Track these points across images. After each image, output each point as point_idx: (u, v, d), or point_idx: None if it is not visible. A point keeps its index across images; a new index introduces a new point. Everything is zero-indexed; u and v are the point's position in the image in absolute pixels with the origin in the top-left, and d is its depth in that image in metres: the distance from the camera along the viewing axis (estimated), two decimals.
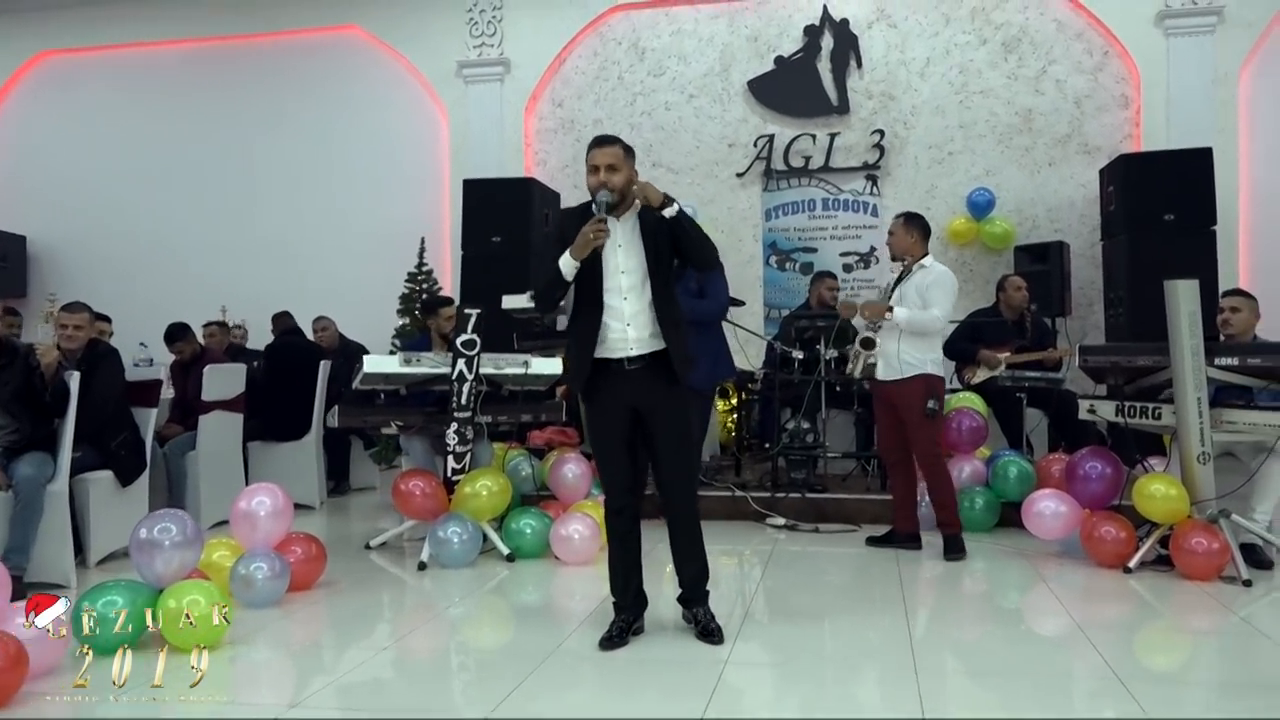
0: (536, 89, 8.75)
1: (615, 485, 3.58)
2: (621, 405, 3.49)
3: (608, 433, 3.54)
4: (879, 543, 5.07)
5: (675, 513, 3.58)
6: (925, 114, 8.21)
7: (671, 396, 3.50)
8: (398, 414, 5.05)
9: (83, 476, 4.84)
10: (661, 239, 3.44)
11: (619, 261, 3.45)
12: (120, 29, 9.45)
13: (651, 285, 3.45)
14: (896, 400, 4.87)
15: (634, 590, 3.62)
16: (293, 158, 9.22)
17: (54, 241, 9.64)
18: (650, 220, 3.45)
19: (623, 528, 3.60)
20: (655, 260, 3.45)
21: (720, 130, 8.53)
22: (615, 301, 3.45)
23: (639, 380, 3.46)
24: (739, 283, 8.38)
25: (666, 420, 3.49)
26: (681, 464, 3.54)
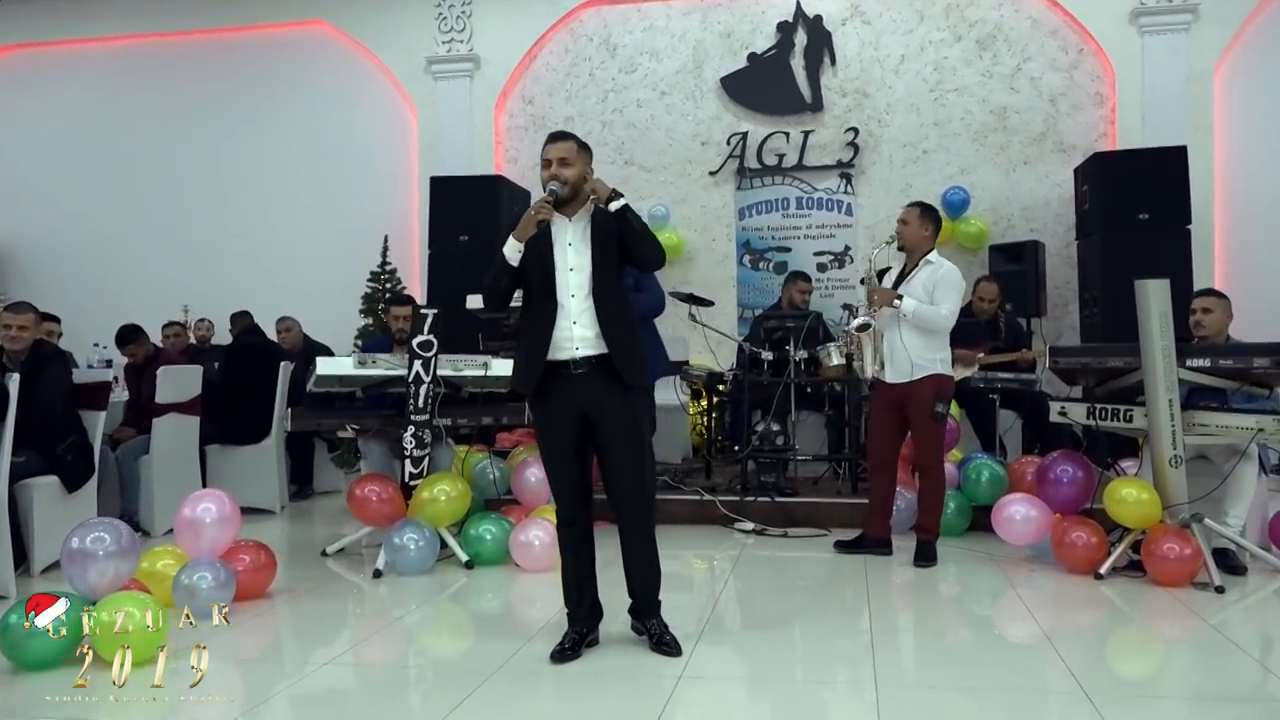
0: (507, 85, 8.62)
1: (565, 495, 3.48)
2: (570, 410, 3.39)
3: (556, 439, 3.44)
4: (849, 548, 4.96)
5: (626, 521, 3.48)
6: (900, 111, 8.12)
7: (621, 400, 3.40)
8: (354, 417, 4.91)
9: (26, 482, 4.67)
10: (612, 239, 3.38)
11: (569, 259, 3.38)
12: (85, 23, 9.27)
13: (598, 284, 3.36)
14: (906, 402, 4.72)
15: (588, 602, 3.53)
16: (259, 155, 9.06)
17: (17, 240, 9.43)
18: (602, 220, 3.39)
19: (575, 538, 3.51)
20: (603, 258, 3.37)
21: (693, 128, 8.41)
22: (564, 299, 3.37)
23: (587, 383, 3.37)
24: (712, 282, 8.33)
25: (616, 425, 3.39)
26: (633, 471, 3.43)
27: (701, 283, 8.35)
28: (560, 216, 3.39)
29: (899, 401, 4.76)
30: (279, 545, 5.54)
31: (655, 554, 3.54)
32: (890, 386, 4.77)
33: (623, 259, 3.42)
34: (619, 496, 3.46)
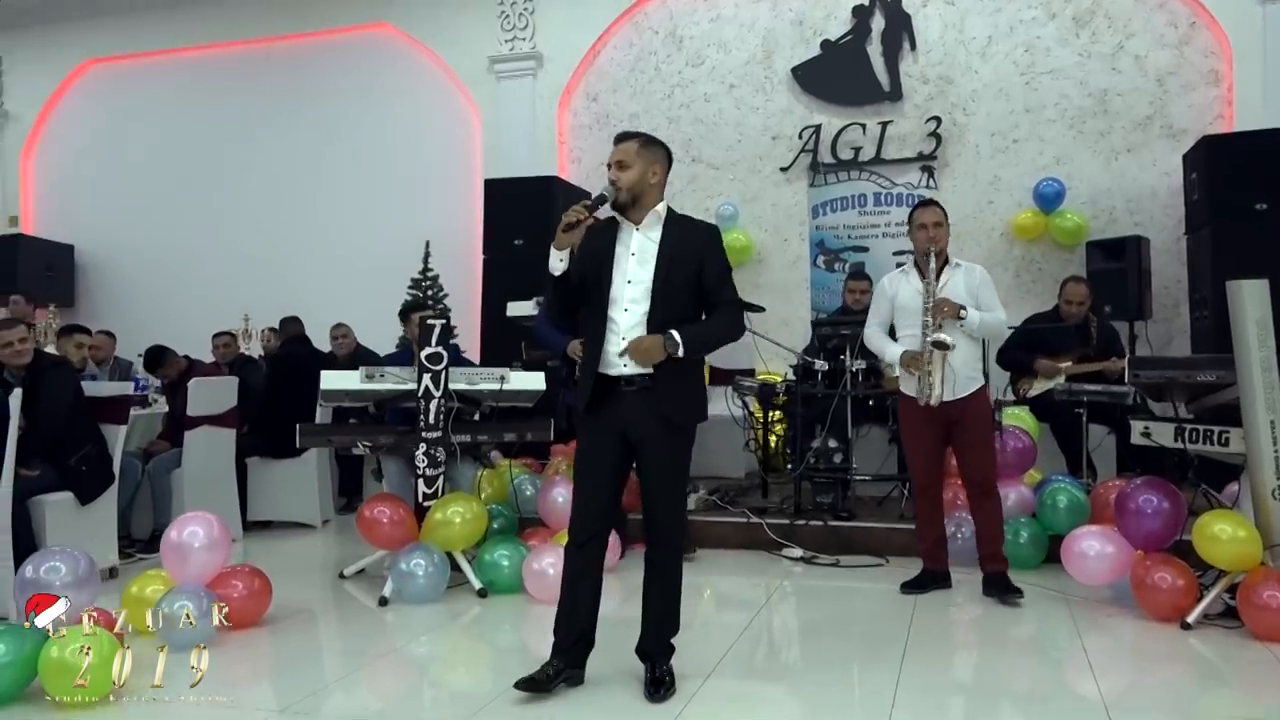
0: (570, 83, 8.32)
1: (585, 512, 3.17)
2: (612, 428, 3.11)
3: (593, 454, 3.16)
4: (915, 588, 4.38)
5: (654, 553, 3.20)
6: (987, 98, 7.48)
7: (664, 434, 3.08)
8: (366, 433, 4.66)
9: (39, 498, 4.57)
10: (691, 259, 3.07)
11: (628, 269, 3.08)
12: (161, 35, 9.38)
13: (655, 301, 3.04)
14: (960, 419, 4.23)
15: (576, 635, 3.19)
16: (327, 160, 8.99)
17: (100, 250, 9.63)
18: (676, 232, 3.09)
19: (582, 562, 3.18)
20: (666, 275, 3.05)
21: (763, 122, 7.94)
22: (616, 313, 3.08)
23: (634, 405, 3.07)
24: (784, 285, 7.87)
25: (654, 460, 3.10)
26: (668, 504, 3.14)
27: (772, 286, 7.90)
28: (627, 223, 3.12)
29: (946, 419, 4.24)
30: (304, 563, 5.40)
31: (676, 596, 3.23)
32: (943, 407, 4.22)
33: (702, 288, 3.10)
34: (649, 529, 3.20)
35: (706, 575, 4.88)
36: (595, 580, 3.19)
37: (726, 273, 3.18)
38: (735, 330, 3.20)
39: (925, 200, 4.52)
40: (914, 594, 4.33)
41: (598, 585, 3.20)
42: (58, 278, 9.37)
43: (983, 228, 7.45)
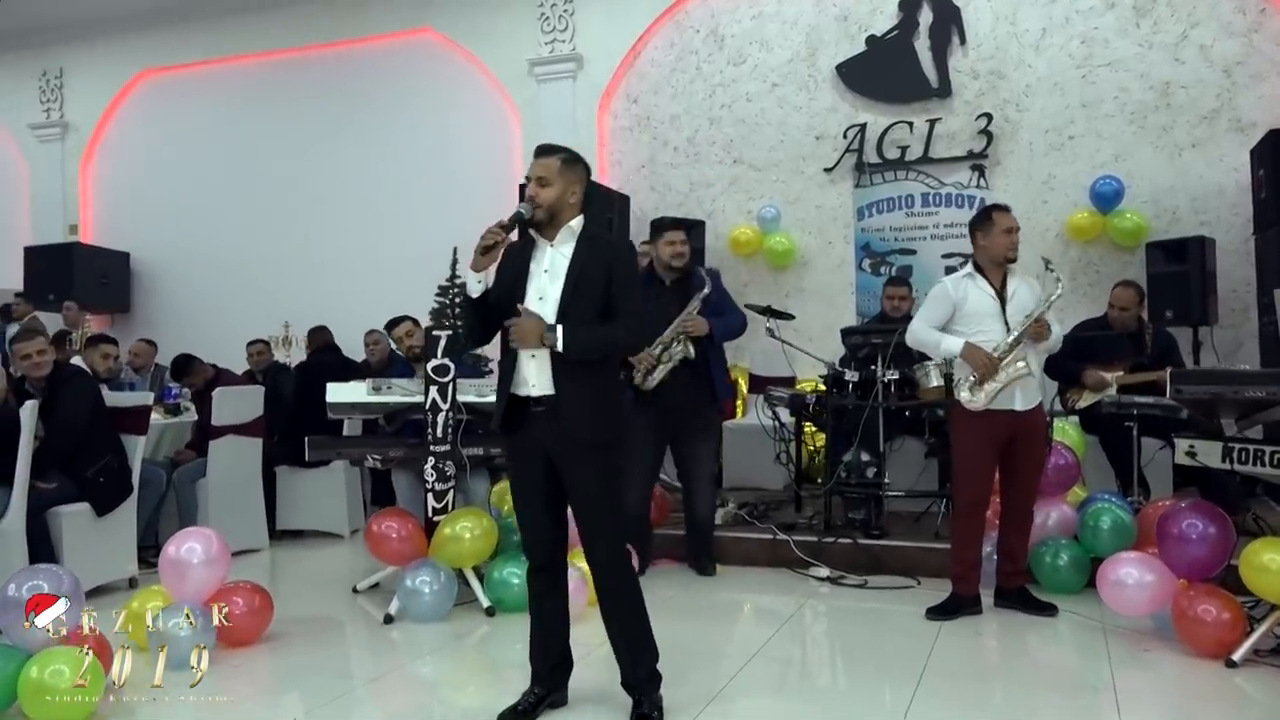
0: (610, 85, 8.17)
1: (529, 540, 3.13)
2: (534, 450, 3.01)
3: (521, 480, 3.09)
4: (943, 614, 4.14)
5: (601, 581, 3.07)
6: (1041, 93, 7.13)
7: (583, 453, 2.96)
8: (375, 446, 4.57)
9: (55, 510, 4.60)
10: (595, 271, 2.97)
11: (541, 286, 3.00)
12: (211, 44, 9.47)
13: (562, 318, 2.94)
14: (1023, 434, 4.05)
15: (554, 658, 3.14)
16: (371, 166, 8.97)
17: (154, 257, 9.77)
18: (587, 249, 2.99)
19: (541, 587, 3.12)
20: (573, 290, 2.96)
21: (806, 121, 7.70)
22: None
23: (545, 426, 2.96)
24: (829, 289, 7.65)
25: (576, 476, 2.98)
26: (600, 526, 3.01)
27: (817, 290, 7.66)
28: (541, 240, 3.03)
29: (1008, 432, 4.03)
30: (322, 575, 5.35)
31: (642, 622, 3.07)
32: (1005, 415, 4.01)
33: (609, 300, 3.00)
34: (588, 558, 3.09)
35: (726, 594, 4.72)
36: (560, 601, 3.13)
37: (632, 286, 3.07)
38: (629, 338, 3.11)
39: (1002, 205, 4.31)
40: (941, 620, 4.09)
41: (564, 606, 3.14)
42: (113, 285, 9.53)
43: (1036, 229, 7.08)
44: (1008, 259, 4.10)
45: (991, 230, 4.07)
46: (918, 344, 4.24)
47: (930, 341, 4.16)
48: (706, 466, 5.01)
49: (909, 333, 4.21)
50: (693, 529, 5.07)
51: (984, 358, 3.95)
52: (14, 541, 4.27)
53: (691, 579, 4.94)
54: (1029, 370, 4.02)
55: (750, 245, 7.69)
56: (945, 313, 4.09)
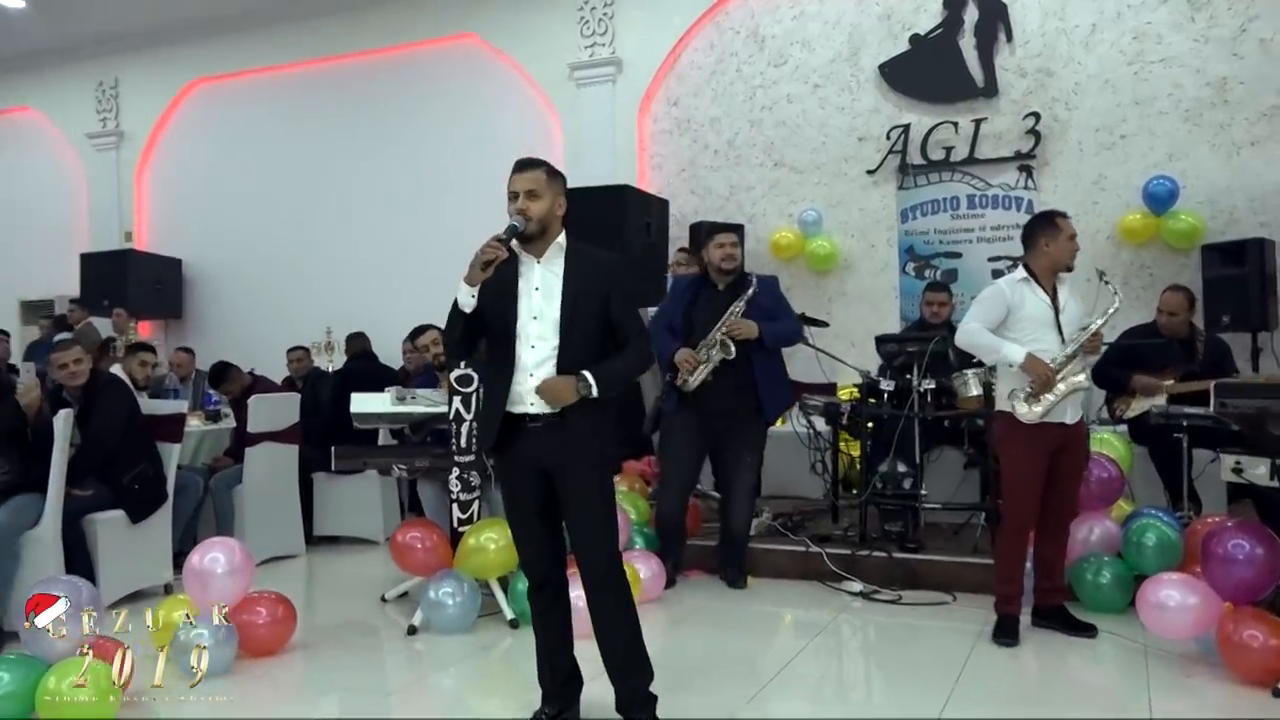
0: (650, 88, 8.11)
1: (530, 558, 3.09)
2: (529, 467, 2.96)
3: (517, 498, 3.03)
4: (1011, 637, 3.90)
5: (594, 598, 3.01)
6: (1091, 91, 6.90)
7: (582, 462, 2.92)
8: (401, 456, 4.57)
9: (91, 517, 4.66)
10: (591, 289, 2.92)
11: (533, 304, 2.94)
12: (260, 53, 9.60)
13: (563, 338, 2.90)
14: (1069, 446, 3.92)
15: (562, 676, 3.09)
16: (415, 171, 9.02)
17: (206, 263, 9.93)
18: (578, 264, 2.96)
19: (542, 605, 3.08)
20: (573, 308, 2.91)
21: (849, 122, 7.56)
22: (522, 349, 2.93)
23: (545, 439, 2.91)
24: (872, 294, 7.49)
25: (572, 488, 2.93)
26: (595, 540, 2.96)
27: (859, 294, 7.52)
28: (527, 256, 2.97)
29: (1057, 445, 3.89)
30: (353, 582, 5.35)
31: (635, 641, 3.02)
32: (1056, 429, 3.87)
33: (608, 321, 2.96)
34: (582, 573, 3.01)
35: (756, 607, 4.63)
36: (563, 617, 3.09)
37: (633, 303, 3.04)
38: (645, 362, 3.07)
39: (1061, 211, 4.16)
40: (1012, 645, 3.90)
41: (566, 621, 3.10)
42: (166, 291, 9.70)
43: (1086, 231, 6.85)
44: (1069, 267, 3.97)
45: (1058, 236, 3.93)
46: (972, 346, 4.00)
47: (987, 345, 3.91)
48: (747, 478, 4.90)
49: (962, 332, 3.98)
50: (726, 540, 4.99)
51: (1045, 369, 3.79)
52: (48, 549, 4.33)
53: (722, 591, 4.86)
54: (1089, 384, 3.90)
55: (791, 249, 7.57)
56: (999, 316, 3.91)
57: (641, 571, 4.44)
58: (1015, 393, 3.85)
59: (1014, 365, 3.80)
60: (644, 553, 4.71)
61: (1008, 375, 3.89)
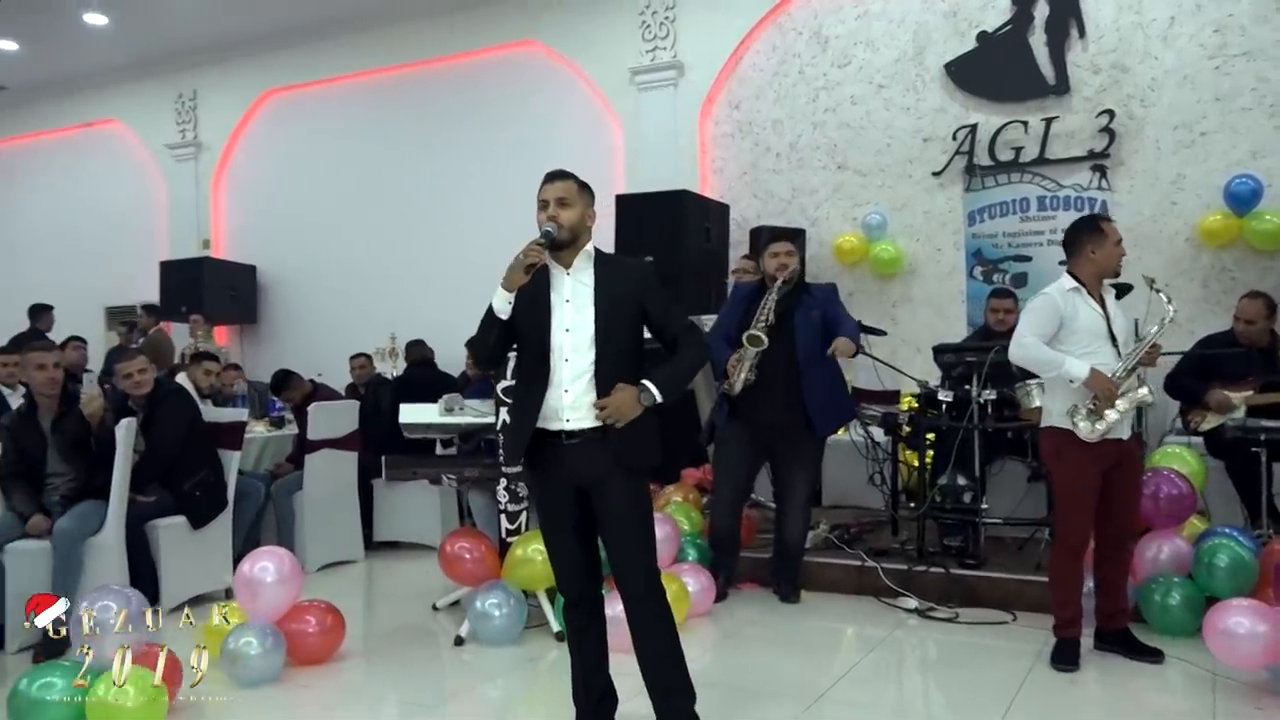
0: (711, 91, 8.04)
1: (565, 575, 3.06)
2: (564, 483, 2.93)
3: (552, 514, 3.01)
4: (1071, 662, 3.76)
5: (634, 615, 2.97)
6: (1169, 87, 6.63)
7: (620, 479, 2.88)
8: (451, 466, 4.59)
9: (154, 523, 4.79)
10: (623, 299, 2.90)
11: (565, 317, 2.91)
12: (329, 63, 9.75)
13: (600, 351, 2.86)
14: (1124, 461, 3.76)
15: (597, 694, 3.07)
16: (481, 178, 9.07)
17: (279, 269, 10.15)
18: (608, 274, 2.94)
19: (578, 623, 3.06)
20: (607, 320, 2.88)
21: (914, 123, 7.39)
22: (556, 363, 2.89)
23: (581, 455, 2.87)
24: (938, 299, 7.32)
25: (610, 502, 2.89)
26: (634, 555, 2.92)
27: (925, 299, 7.35)
28: (557, 267, 2.96)
29: (1111, 462, 3.73)
30: (407, 589, 5.40)
31: (676, 660, 2.97)
32: (1113, 445, 3.71)
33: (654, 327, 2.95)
34: (621, 589, 2.99)
35: (808, 623, 4.54)
36: (599, 635, 3.06)
37: (671, 302, 2.99)
38: (702, 356, 3.03)
39: (1104, 215, 4.01)
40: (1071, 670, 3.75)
41: (602, 639, 3.07)
42: (241, 297, 9.94)
43: (1164, 233, 6.62)
44: (1116, 272, 3.80)
45: (1104, 242, 3.75)
46: (1029, 361, 3.82)
47: (1047, 360, 3.71)
48: (801, 493, 4.80)
49: (1017, 346, 3.81)
50: (780, 553, 4.91)
51: (1110, 385, 3.61)
52: (112, 554, 4.45)
53: (774, 605, 4.78)
54: (1152, 398, 3.72)
55: (855, 253, 7.43)
56: (1052, 327, 3.74)
57: (690, 585, 4.39)
58: (1076, 409, 3.68)
59: (1076, 381, 3.63)
60: (693, 566, 4.66)
61: (1064, 391, 3.71)
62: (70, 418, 4.50)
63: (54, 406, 4.58)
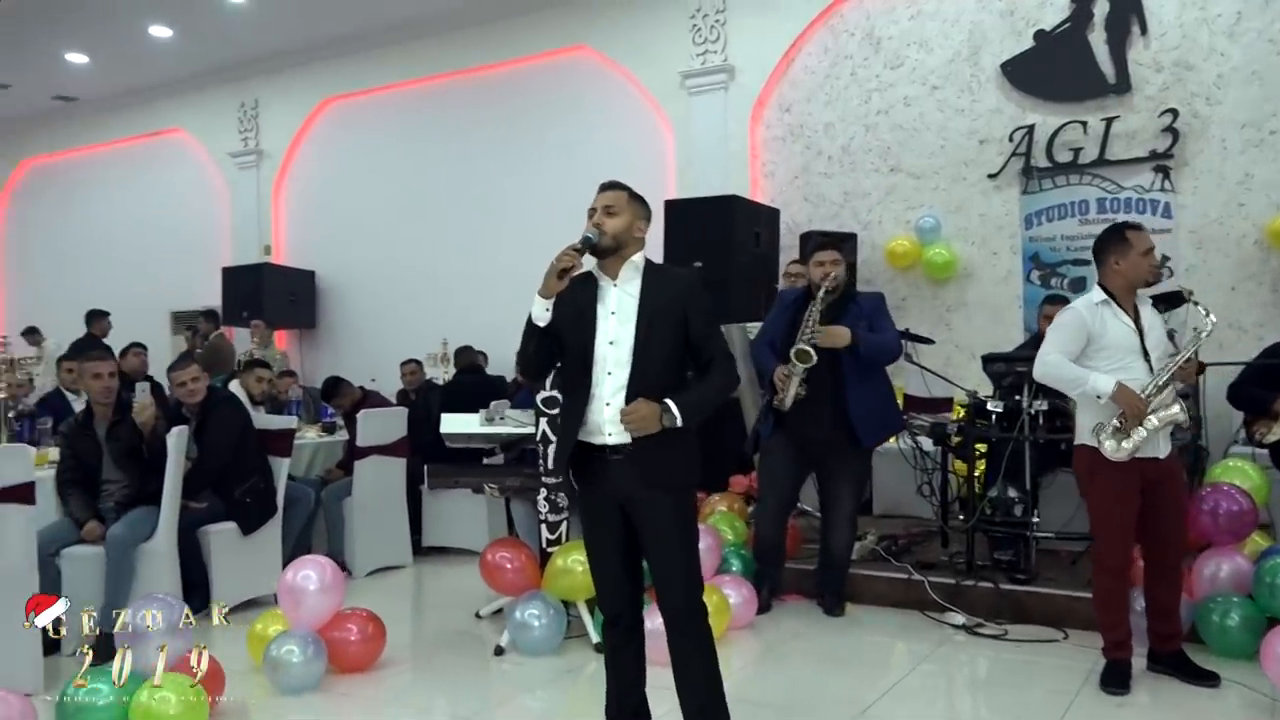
0: (762, 94, 7.97)
1: (603, 591, 3.01)
2: (607, 498, 2.89)
3: (594, 530, 2.97)
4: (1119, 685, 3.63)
5: (674, 635, 2.90)
6: (1235, 84, 6.41)
7: (663, 497, 2.83)
8: (493, 475, 4.60)
9: (205, 529, 4.89)
10: (666, 309, 2.83)
11: (610, 329, 2.85)
12: (386, 70, 9.88)
13: (638, 365, 2.81)
14: (1163, 480, 3.61)
15: (629, 712, 3.03)
16: (532, 183, 9.12)
17: (337, 275, 10.31)
18: (654, 284, 2.87)
19: (617, 640, 3.01)
20: (648, 332, 2.82)
21: (969, 125, 7.24)
22: (599, 376, 2.85)
23: (625, 471, 2.82)
24: (994, 303, 7.19)
25: (652, 521, 2.84)
26: (676, 575, 2.86)
27: (981, 304, 7.21)
28: (605, 278, 2.90)
29: (1149, 481, 3.59)
30: (452, 596, 5.43)
31: (714, 683, 2.90)
32: (1150, 464, 3.58)
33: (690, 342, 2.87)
34: (662, 608, 2.91)
35: (852, 636, 4.48)
36: (636, 653, 3.00)
37: (713, 322, 2.91)
38: (730, 384, 2.93)
39: (1137, 224, 3.83)
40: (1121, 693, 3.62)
41: (639, 659, 3.01)
42: (300, 302, 10.12)
43: (1231, 235, 6.40)
44: (1149, 282, 3.65)
45: (1129, 252, 3.61)
46: (1050, 379, 3.73)
47: (1071, 378, 3.62)
48: (847, 505, 4.72)
49: (1041, 365, 3.72)
50: (826, 565, 4.84)
51: (1137, 401, 3.47)
52: (163, 560, 4.54)
53: (818, 617, 4.71)
54: (1184, 416, 3.59)
55: (908, 257, 7.32)
56: (1080, 343, 3.64)
57: (731, 598, 4.35)
58: (1102, 427, 3.56)
59: (1103, 397, 3.51)
60: (735, 578, 4.62)
61: (1092, 407, 3.58)
62: (124, 425, 4.61)
63: (109, 414, 4.69)
